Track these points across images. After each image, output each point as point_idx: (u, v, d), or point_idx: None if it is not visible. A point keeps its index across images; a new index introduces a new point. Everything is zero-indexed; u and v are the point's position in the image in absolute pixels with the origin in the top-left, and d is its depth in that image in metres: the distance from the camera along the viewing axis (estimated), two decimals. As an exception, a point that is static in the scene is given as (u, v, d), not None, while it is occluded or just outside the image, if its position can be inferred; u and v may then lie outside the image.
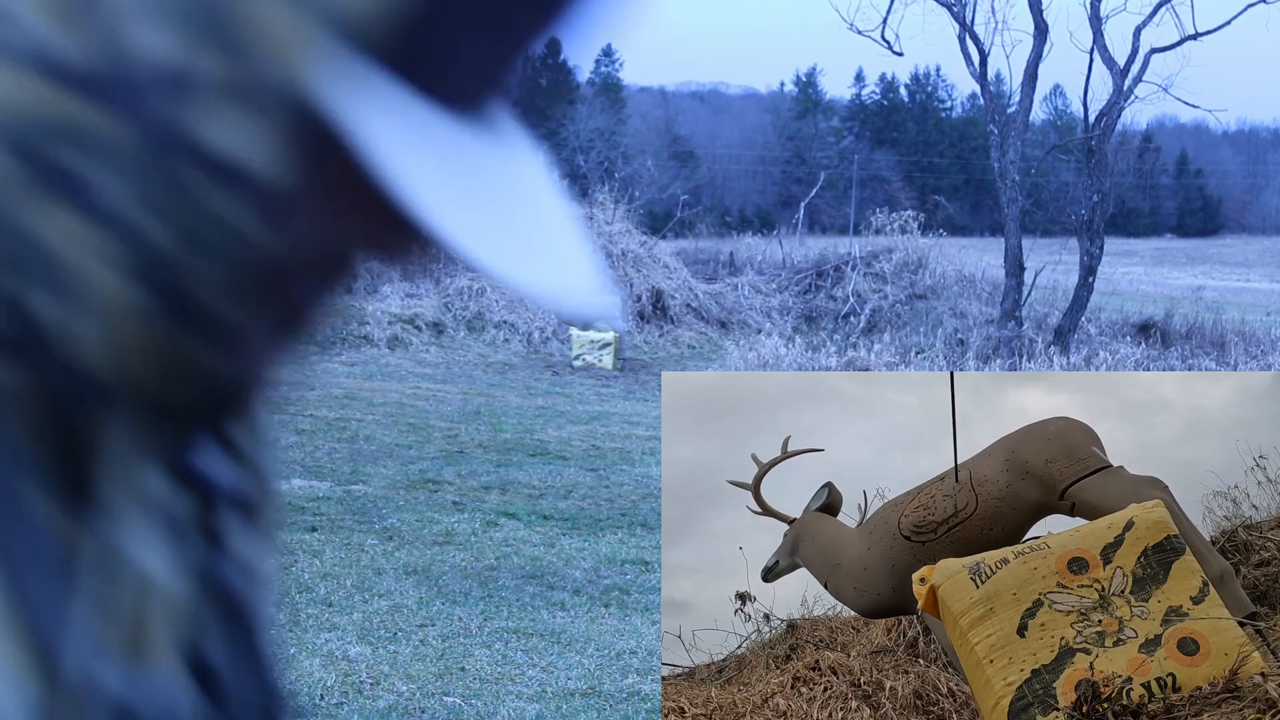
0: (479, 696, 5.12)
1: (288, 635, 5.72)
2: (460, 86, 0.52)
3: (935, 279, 21.09)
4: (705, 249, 24.47)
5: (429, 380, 14.79)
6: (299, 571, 6.67)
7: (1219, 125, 64.70)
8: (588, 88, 68.35)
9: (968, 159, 67.82)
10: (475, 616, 6.14)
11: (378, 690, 5.12)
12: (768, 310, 20.29)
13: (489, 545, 7.45)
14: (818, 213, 47.99)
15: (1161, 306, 22.71)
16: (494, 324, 18.23)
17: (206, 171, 0.47)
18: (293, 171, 0.48)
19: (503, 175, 0.55)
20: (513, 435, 11.16)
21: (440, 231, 0.50)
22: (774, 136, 71.21)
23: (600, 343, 16.76)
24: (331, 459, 9.61)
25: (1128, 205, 61.22)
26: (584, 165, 34.78)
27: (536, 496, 8.81)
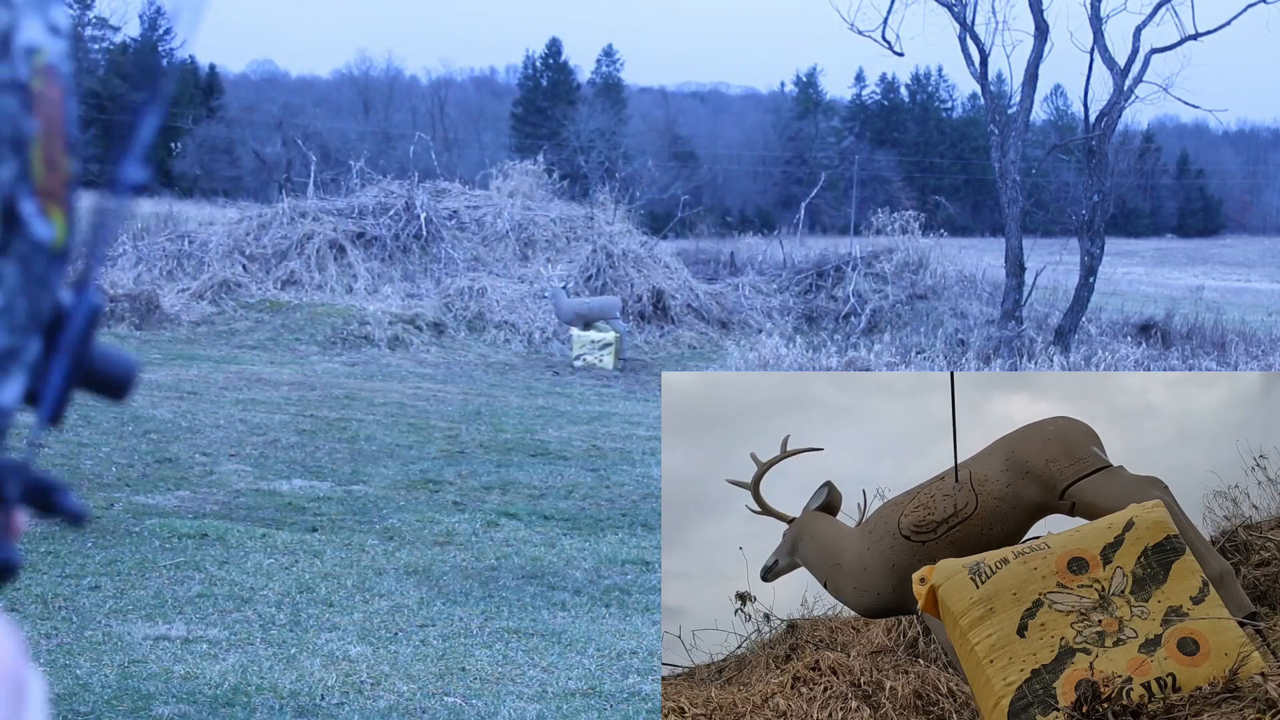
0: (479, 696, 5.12)
1: (288, 635, 5.72)
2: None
3: (936, 279, 21.09)
4: (706, 249, 24.47)
5: (430, 380, 14.79)
6: (300, 571, 6.68)
7: (1219, 125, 64.70)
8: (588, 88, 68.33)
9: (968, 159, 67.79)
10: (476, 617, 6.14)
11: (378, 690, 5.12)
12: (768, 310, 20.28)
13: (489, 545, 7.46)
14: (818, 213, 47.98)
15: (1162, 307, 22.70)
16: (495, 324, 18.22)
17: None
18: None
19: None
20: (513, 435, 11.16)
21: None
22: (774, 136, 71.16)
23: (601, 343, 16.76)
24: (332, 459, 9.62)
25: (1128, 205, 61.19)
26: (585, 165, 34.78)
27: (537, 497, 8.81)
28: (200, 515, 7.67)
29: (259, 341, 16.86)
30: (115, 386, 0.68)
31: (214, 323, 17.46)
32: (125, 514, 7.55)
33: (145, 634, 5.57)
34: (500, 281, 19.18)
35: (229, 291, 18.27)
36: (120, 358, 0.68)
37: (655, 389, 14.83)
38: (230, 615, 5.93)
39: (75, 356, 0.66)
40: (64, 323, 0.66)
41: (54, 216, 0.64)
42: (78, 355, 0.66)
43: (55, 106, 0.64)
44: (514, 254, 20.19)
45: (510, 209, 20.80)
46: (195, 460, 9.20)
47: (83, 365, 0.66)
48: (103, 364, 0.68)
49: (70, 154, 0.65)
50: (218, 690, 4.99)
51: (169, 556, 6.76)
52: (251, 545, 7.07)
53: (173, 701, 4.86)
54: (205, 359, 15.00)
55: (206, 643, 5.53)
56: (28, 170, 0.63)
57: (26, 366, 0.64)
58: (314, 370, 14.87)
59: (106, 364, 0.68)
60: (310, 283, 18.86)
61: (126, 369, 0.68)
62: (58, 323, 0.66)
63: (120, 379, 0.68)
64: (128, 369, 0.69)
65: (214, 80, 62.74)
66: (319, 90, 68.64)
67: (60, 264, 0.65)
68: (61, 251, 0.65)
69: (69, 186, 0.65)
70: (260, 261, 19.15)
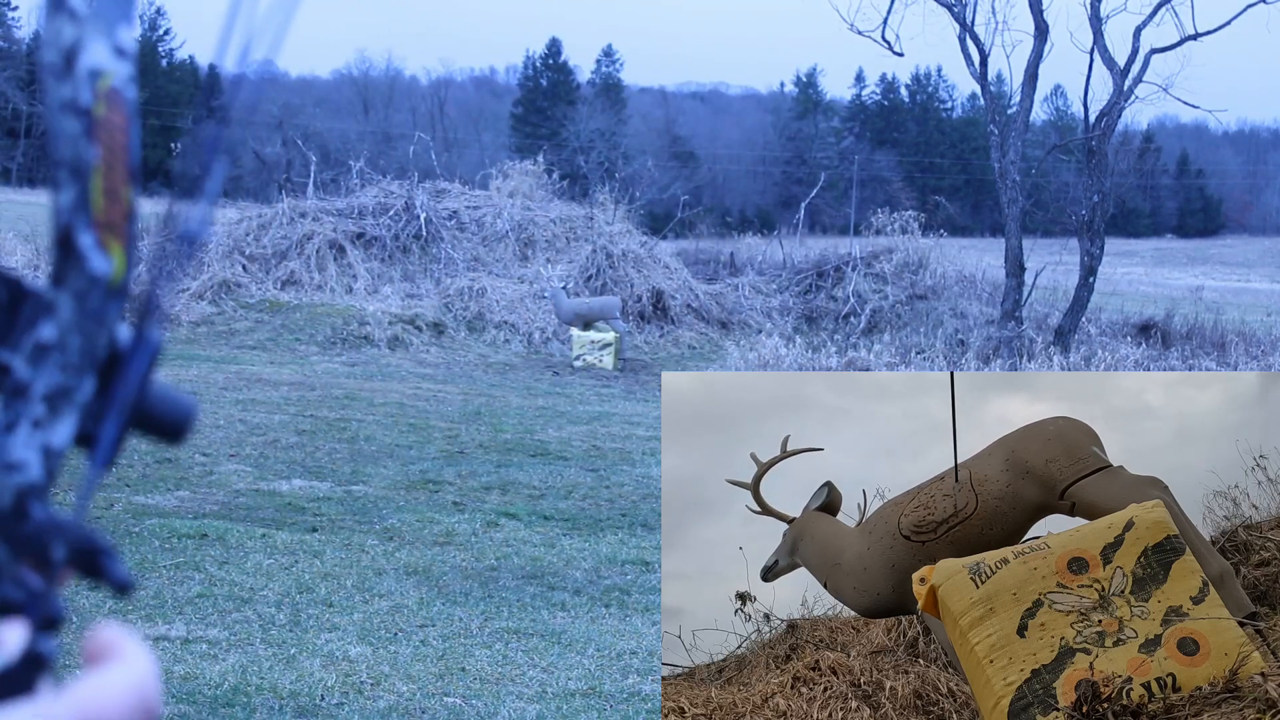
0: (479, 697, 5.12)
1: (288, 635, 5.72)
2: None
3: (936, 279, 21.09)
4: (706, 249, 24.46)
5: (429, 381, 14.79)
6: (299, 571, 6.68)
7: (1219, 125, 64.68)
8: (588, 88, 68.33)
9: (968, 159, 67.79)
10: (475, 617, 6.14)
11: (378, 690, 5.12)
12: (768, 310, 20.28)
13: (489, 546, 7.45)
14: (818, 213, 47.99)
15: (1162, 307, 22.70)
16: (494, 324, 18.22)
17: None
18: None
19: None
20: (513, 436, 11.16)
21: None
22: (774, 137, 71.17)
23: (601, 343, 16.76)
24: (332, 459, 9.62)
25: (1128, 205, 61.18)
26: (585, 165, 34.79)
27: (537, 497, 8.81)
28: (200, 515, 7.67)
29: (259, 342, 16.86)
30: (172, 430, 0.65)
31: (214, 323, 17.46)
32: (125, 514, 7.54)
33: (145, 634, 5.57)
34: (500, 282, 19.18)
35: (229, 292, 18.27)
36: (178, 400, 0.65)
37: (655, 389, 14.83)
38: (230, 615, 5.93)
39: (132, 398, 0.63)
40: (120, 362, 0.63)
41: (112, 250, 0.61)
42: (135, 397, 0.63)
43: (119, 134, 0.61)
44: (514, 254, 20.19)
45: (510, 209, 20.80)
46: (195, 460, 9.20)
47: (139, 407, 0.63)
48: (160, 406, 0.64)
49: (132, 185, 0.62)
50: (217, 690, 4.99)
51: (169, 557, 6.76)
52: (251, 545, 7.07)
53: (173, 702, 4.86)
54: (205, 359, 15.00)
55: (206, 643, 5.53)
56: (87, 200, 0.60)
57: (79, 406, 0.61)
58: (314, 370, 14.87)
59: (164, 406, 0.64)
60: (310, 283, 18.86)
61: (184, 412, 0.65)
62: (113, 362, 0.62)
63: (178, 422, 0.65)
64: (185, 412, 0.65)
65: (214, 80, 62.68)
66: (319, 90, 68.64)
67: (117, 300, 0.62)
68: (119, 287, 0.62)
69: (129, 219, 0.62)
70: (260, 261, 19.15)
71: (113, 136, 0.61)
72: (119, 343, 0.63)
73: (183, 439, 0.66)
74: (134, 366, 0.63)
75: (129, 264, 0.63)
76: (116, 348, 0.63)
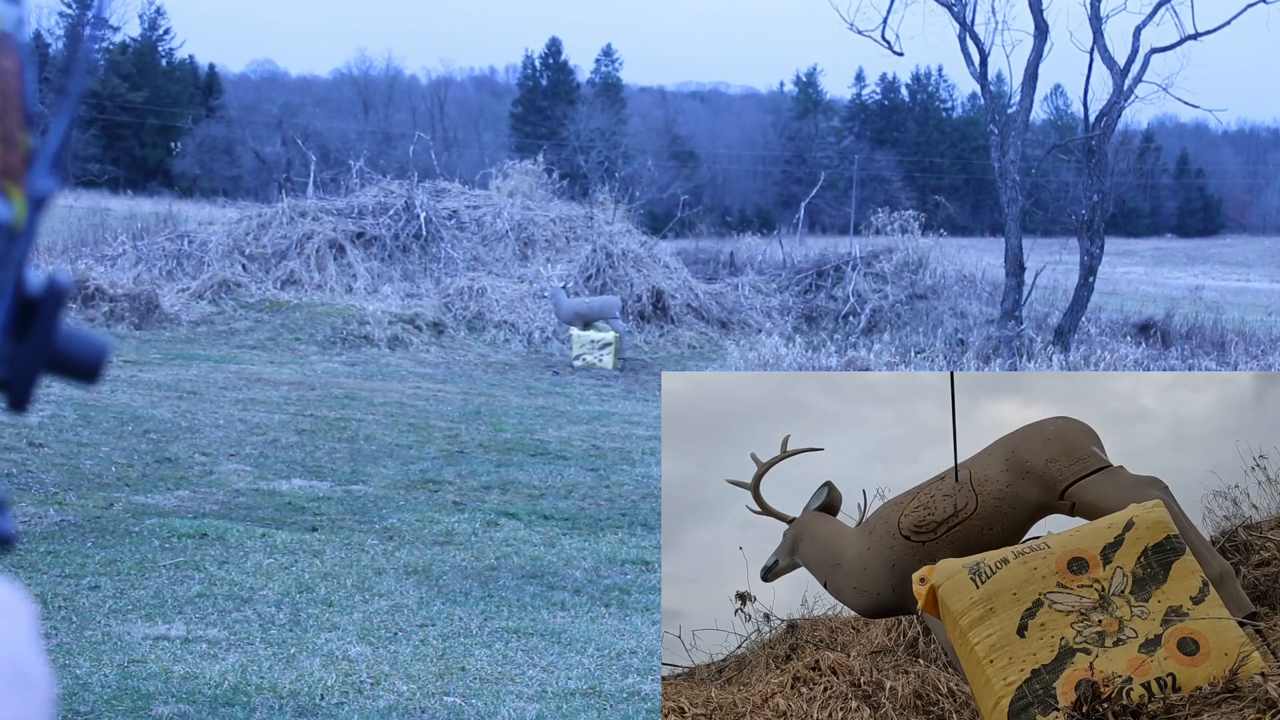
0: (479, 696, 5.12)
1: (288, 635, 5.72)
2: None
3: (935, 279, 21.08)
4: (705, 249, 24.45)
5: (429, 380, 14.79)
6: (299, 571, 6.67)
7: (1219, 125, 64.70)
8: (588, 88, 68.30)
9: (968, 159, 67.78)
10: (475, 616, 6.14)
11: (378, 690, 5.12)
12: (768, 310, 20.28)
13: (489, 545, 7.45)
14: (818, 213, 47.97)
15: (1162, 306, 22.71)
16: (494, 324, 18.22)
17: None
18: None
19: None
20: (513, 435, 11.16)
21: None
22: (774, 136, 71.14)
23: (600, 343, 16.75)
24: (331, 459, 9.61)
25: (1128, 205, 61.17)
26: (584, 165, 34.77)
27: (537, 496, 8.81)
28: (200, 515, 7.67)
29: (259, 341, 16.86)
30: (86, 370, 0.64)
31: (214, 322, 17.45)
32: (125, 514, 7.54)
33: (145, 634, 5.57)
34: (500, 281, 19.17)
35: (229, 291, 18.27)
36: (90, 340, 0.64)
37: (655, 389, 14.83)
38: (230, 615, 5.93)
39: (47, 342, 0.62)
40: (31, 307, 0.61)
41: (12, 195, 0.60)
42: (48, 340, 0.62)
43: (11, 79, 0.59)
44: (514, 254, 20.18)
45: (510, 209, 20.79)
46: (195, 460, 9.20)
47: (51, 349, 0.62)
48: (72, 347, 0.63)
49: (30, 129, 0.60)
50: (217, 690, 4.99)
51: (169, 556, 6.76)
52: (251, 545, 7.07)
53: (172, 701, 4.86)
54: (205, 359, 14.99)
55: (206, 642, 5.52)
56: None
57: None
58: (314, 370, 14.86)
59: (76, 347, 0.64)
60: (310, 282, 18.86)
61: (97, 352, 0.65)
62: (24, 307, 0.61)
63: (91, 362, 0.64)
64: (98, 352, 0.65)
65: (214, 80, 62.75)
66: (319, 90, 68.63)
67: (19, 244, 0.60)
68: (21, 232, 0.60)
69: (27, 164, 0.60)
70: (260, 261, 19.14)
71: (5, 81, 0.59)
72: (28, 287, 0.61)
73: (97, 379, 0.65)
74: (45, 310, 0.61)
75: (30, 209, 0.61)
76: (26, 293, 0.61)
